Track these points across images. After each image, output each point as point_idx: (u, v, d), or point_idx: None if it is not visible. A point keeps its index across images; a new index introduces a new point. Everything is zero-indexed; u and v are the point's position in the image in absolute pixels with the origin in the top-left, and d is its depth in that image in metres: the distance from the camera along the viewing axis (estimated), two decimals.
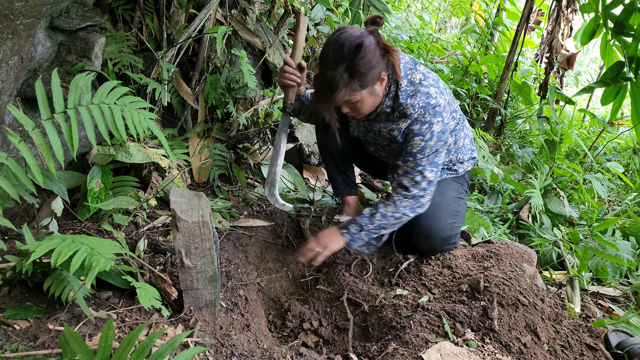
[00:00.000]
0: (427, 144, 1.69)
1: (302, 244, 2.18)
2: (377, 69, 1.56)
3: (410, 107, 1.67)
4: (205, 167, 2.40)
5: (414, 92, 1.67)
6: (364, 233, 1.79)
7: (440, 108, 1.68)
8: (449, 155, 1.98)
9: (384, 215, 1.76)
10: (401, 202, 1.75)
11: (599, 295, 2.20)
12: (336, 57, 1.51)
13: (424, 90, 1.67)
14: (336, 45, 1.51)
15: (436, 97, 1.67)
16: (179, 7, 2.38)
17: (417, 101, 1.66)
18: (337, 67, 1.52)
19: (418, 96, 1.66)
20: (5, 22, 1.45)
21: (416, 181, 1.72)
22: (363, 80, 1.55)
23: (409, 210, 1.75)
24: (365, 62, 1.51)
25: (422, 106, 1.66)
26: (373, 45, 1.53)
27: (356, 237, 1.79)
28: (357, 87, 1.56)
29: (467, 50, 5.48)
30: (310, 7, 3.36)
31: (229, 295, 1.64)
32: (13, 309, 1.29)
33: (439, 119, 1.68)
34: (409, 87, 1.68)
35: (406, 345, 1.43)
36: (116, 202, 1.68)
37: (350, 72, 1.52)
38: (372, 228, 1.77)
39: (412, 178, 1.73)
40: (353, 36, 1.50)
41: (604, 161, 4.50)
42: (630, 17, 2.44)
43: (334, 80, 1.53)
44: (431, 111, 1.66)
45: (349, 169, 2.18)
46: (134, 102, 1.40)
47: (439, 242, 1.90)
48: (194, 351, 1.00)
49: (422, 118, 1.66)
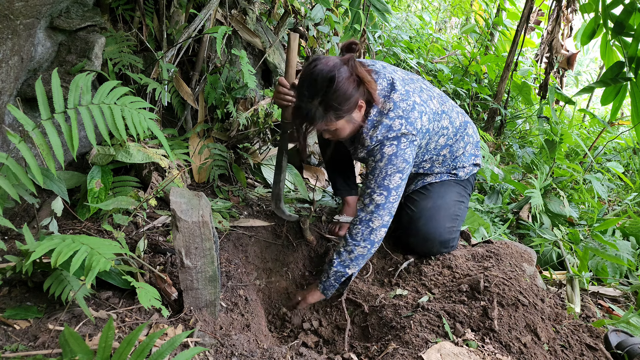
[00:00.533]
0: (377, 164, 1.67)
1: (302, 243, 2.18)
2: (352, 99, 1.56)
3: (368, 139, 1.67)
4: (205, 167, 2.40)
5: (377, 122, 1.66)
6: (332, 279, 1.75)
7: (397, 139, 1.65)
8: (444, 165, 1.97)
9: (338, 253, 1.73)
10: (351, 231, 1.71)
11: (599, 295, 2.20)
12: (310, 91, 1.53)
13: (387, 123, 1.65)
14: (310, 79, 1.53)
15: (399, 128, 1.64)
16: (179, 7, 2.38)
17: (376, 133, 1.66)
18: (312, 101, 1.53)
19: (379, 128, 1.66)
20: (5, 22, 1.45)
21: (365, 204, 1.70)
22: (338, 112, 1.56)
23: (360, 239, 1.69)
24: (338, 95, 1.52)
25: (379, 140, 1.66)
26: (345, 77, 1.53)
27: (327, 285, 1.77)
28: (332, 118, 1.57)
29: (467, 50, 5.48)
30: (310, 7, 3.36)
31: (229, 295, 1.64)
32: (13, 309, 1.29)
33: (393, 142, 1.65)
34: (376, 117, 1.67)
35: (406, 345, 1.43)
36: (116, 202, 1.68)
37: (324, 106, 1.54)
38: (335, 270, 1.73)
39: (362, 201, 1.72)
40: (325, 70, 1.50)
41: (604, 161, 4.50)
42: (630, 17, 2.44)
43: (309, 113, 1.55)
44: (388, 144, 1.65)
45: (349, 170, 2.19)
46: (134, 102, 1.39)
47: (437, 246, 1.90)
48: (194, 351, 1.00)
49: (378, 151, 1.67)
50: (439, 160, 1.94)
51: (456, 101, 5.01)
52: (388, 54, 4.84)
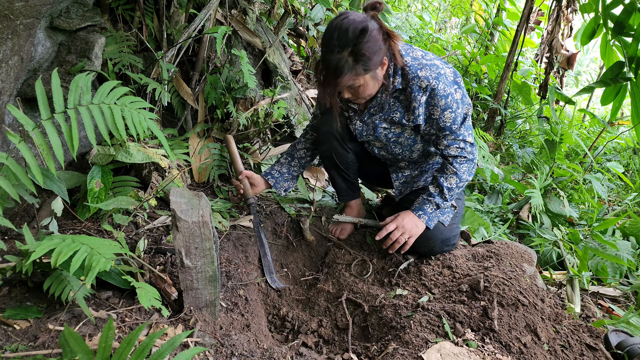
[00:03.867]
0: (456, 113, 1.73)
1: (302, 243, 2.18)
2: (380, 53, 1.58)
3: (425, 80, 1.68)
4: (205, 167, 2.40)
5: (421, 65, 1.69)
6: (439, 211, 1.86)
7: (452, 77, 1.71)
8: None
9: (450, 189, 1.83)
10: (459, 170, 1.81)
11: (599, 295, 2.20)
12: (340, 42, 1.52)
13: (430, 63, 1.69)
14: (340, 29, 1.52)
15: (443, 67, 1.70)
16: (179, 7, 2.38)
17: (428, 73, 1.67)
18: (342, 52, 1.53)
19: (427, 68, 1.68)
20: (5, 22, 1.45)
21: (462, 147, 1.80)
22: (367, 64, 1.56)
23: (467, 174, 1.83)
24: (369, 46, 1.53)
25: (435, 77, 1.67)
26: (376, 29, 1.55)
27: (432, 216, 1.86)
28: (361, 71, 1.57)
29: (467, 50, 5.48)
30: (310, 7, 3.36)
31: (229, 295, 1.64)
32: (13, 309, 1.29)
33: (455, 87, 1.71)
34: (415, 62, 1.70)
35: (406, 345, 1.43)
36: (116, 202, 1.68)
37: (354, 57, 1.53)
38: (447, 204, 1.86)
39: (457, 147, 1.80)
40: (357, 21, 1.52)
41: (604, 161, 4.50)
42: (630, 17, 2.44)
43: (338, 64, 1.54)
44: (446, 82, 1.68)
45: (352, 175, 2.16)
46: (134, 102, 1.39)
47: (438, 244, 1.90)
48: (194, 351, 1.00)
49: (443, 92, 1.68)
50: None
51: None
52: None
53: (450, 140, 1.79)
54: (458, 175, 1.81)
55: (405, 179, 2.07)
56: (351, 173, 2.14)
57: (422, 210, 1.85)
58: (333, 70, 1.56)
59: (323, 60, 1.59)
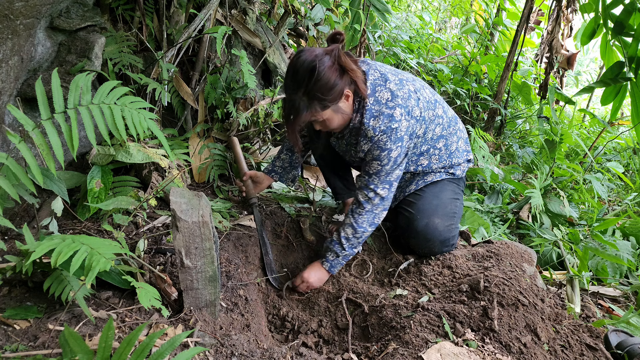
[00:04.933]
0: (383, 168, 1.74)
1: (302, 243, 2.18)
2: (336, 88, 1.58)
3: (371, 130, 1.68)
4: (205, 167, 2.40)
5: (378, 112, 1.67)
6: (340, 258, 1.89)
7: (403, 132, 1.69)
8: (441, 162, 1.97)
9: (347, 239, 1.85)
10: (356, 221, 1.82)
11: (599, 295, 2.20)
12: (294, 82, 1.56)
13: (388, 113, 1.66)
14: (293, 70, 1.56)
15: (400, 119, 1.67)
16: (179, 7, 2.38)
17: (379, 124, 1.67)
18: (296, 92, 1.57)
19: (381, 118, 1.66)
20: (5, 22, 1.45)
21: (369, 197, 1.80)
22: (323, 102, 1.58)
23: (367, 225, 1.83)
24: (321, 85, 1.54)
25: (382, 130, 1.67)
26: (327, 66, 1.55)
27: (335, 264, 1.90)
28: (317, 108, 1.60)
29: (467, 50, 5.48)
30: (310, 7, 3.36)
31: (229, 295, 1.64)
32: (13, 309, 1.29)
33: (398, 144, 1.70)
34: (375, 106, 1.68)
35: (406, 345, 1.43)
36: (116, 202, 1.68)
37: (308, 96, 1.56)
38: (345, 253, 1.87)
39: (365, 194, 1.80)
40: (307, 61, 1.53)
41: (604, 161, 4.50)
42: (630, 17, 2.44)
43: (294, 104, 1.58)
44: (392, 137, 1.67)
45: (347, 173, 2.19)
46: (134, 102, 1.39)
47: (437, 245, 1.90)
48: (194, 351, 1.00)
49: (383, 145, 1.69)
50: (435, 155, 1.95)
51: (456, 101, 5.01)
52: (388, 54, 4.84)
53: (363, 185, 1.80)
54: (353, 226, 1.82)
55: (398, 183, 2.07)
56: (346, 171, 2.15)
57: (325, 258, 1.90)
58: (290, 109, 1.60)
59: (284, 99, 1.64)
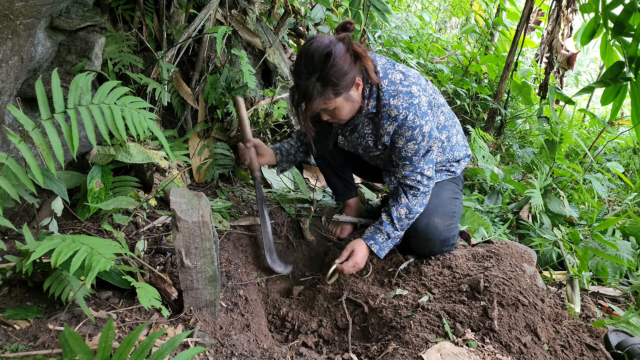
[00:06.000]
0: (420, 145, 1.73)
1: (302, 243, 2.18)
2: (349, 75, 1.58)
3: (395, 109, 1.67)
4: (205, 167, 2.40)
5: (395, 92, 1.67)
6: (390, 240, 1.86)
7: (425, 107, 1.69)
8: (445, 154, 1.98)
9: (399, 219, 1.83)
10: (411, 202, 1.82)
11: (599, 295, 2.20)
12: (307, 68, 1.54)
13: (406, 90, 1.67)
14: (307, 56, 1.54)
15: (419, 95, 1.68)
16: (179, 7, 2.38)
17: (400, 102, 1.66)
18: (310, 78, 1.55)
19: (401, 96, 1.67)
20: (5, 22, 1.45)
21: (418, 180, 1.80)
22: (336, 88, 1.57)
23: (419, 207, 1.84)
24: (336, 70, 1.53)
25: (406, 107, 1.66)
26: (342, 52, 1.54)
27: (383, 246, 1.87)
28: (330, 95, 1.58)
29: (467, 50, 5.48)
30: (310, 7, 3.37)
31: (229, 295, 1.64)
32: (13, 309, 1.29)
33: (426, 118, 1.70)
34: (390, 87, 1.68)
35: (406, 345, 1.43)
36: (116, 202, 1.68)
37: (322, 82, 1.55)
38: (397, 234, 1.86)
39: (414, 179, 1.79)
40: (322, 45, 1.53)
41: (604, 161, 4.50)
42: (630, 17, 2.44)
43: (307, 90, 1.56)
44: (418, 112, 1.67)
45: (347, 174, 2.18)
46: (134, 102, 1.39)
47: (437, 245, 1.90)
48: (194, 351, 1.00)
49: (412, 123, 1.68)
50: (439, 147, 1.95)
51: (456, 101, 5.01)
52: (388, 54, 4.84)
53: (408, 172, 1.79)
54: (409, 207, 1.81)
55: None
56: (346, 172, 2.15)
57: (373, 240, 1.86)
58: (303, 96, 1.58)
59: (294, 86, 1.61)
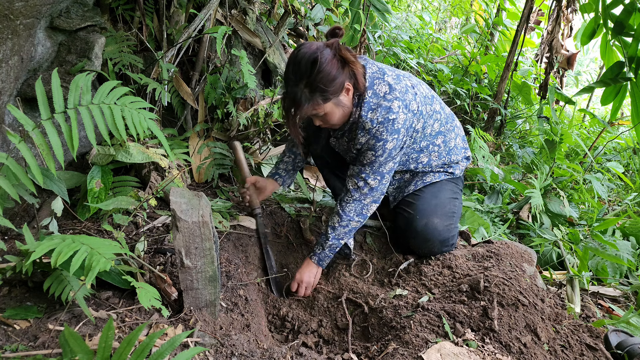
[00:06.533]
0: (377, 159, 1.74)
1: (302, 243, 2.18)
2: (337, 80, 1.58)
3: (369, 122, 1.68)
4: (204, 167, 2.40)
5: (376, 105, 1.68)
6: (327, 250, 1.87)
7: (400, 125, 1.68)
8: (441, 159, 1.97)
9: (333, 228, 1.85)
10: (345, 208, 1.83)
11: (599, 295, 2.20)
12: (295, 75, 1.56)
13: (386, 105, 1.67)
14: (294, 63, 1.56)
15: (397, 112, 1.67)
16: (179, 7, 2.38)
17: (376, 116, 1.67)
18: (298, 84, 1.56)
19: (379, 111, 1.67)
20: (5, 22, 1.45)
21: (359, 186, 1.80)
22: (324, 93, 1.58)
23: (354, 214, 1.83)
24: (322, 76, 1.54)
25: (380, 122, 1.67)
26: (329, 58, 1.55)
27: (322, 257, 1.89)
28: (319, 101, 1.59)
29: (467, 50, 5.48)
30: (310, 7, 3.37)
31: (229, 295, 1.64)
32: (13, 309, 1.29)
33: (394, 136, 1.69)
34: (373, 99, 1.69)
35: (406, 345, 1.43)
36: (116, 202, 1.68)
37: (310, 88, 1.56)
38: (330, 243, 1.86)
39: (355, 182, 1.80)
40: (309, 52, 1.54)
41: (604, 161, 4.50)
42: (630, 17, 2.44)
43: (296, 96, 1.57)
44: (389, 128, 1.67)
45: (346, 174, 2.18)
46: (134, 102, 1.39)
47: (437, 245, 1.90)
48: (194, 351, 1.00)
49: (379, 135, 1.68)
50: (435, 152, 1.95)
51: (456, 101, 5.01)
52: (388, 54, 4.84)
53: (354, 173, 1.80)
54: (340, 214, 1.82)
55: (398, 182, 2.07)
56: (344, 172, 2.15)
57: (313, 252, 1.90)
58: (292, 102, 1.59)
59: (284, 93, 1.63)
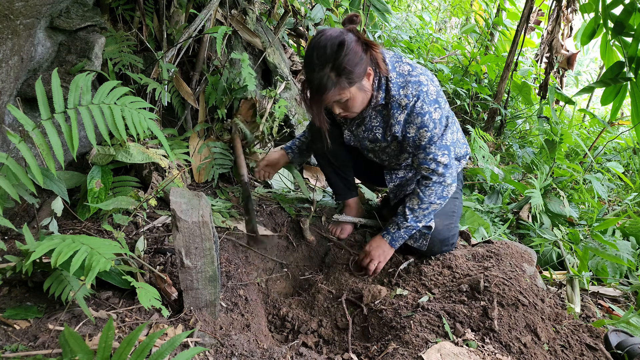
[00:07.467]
0: (432, 132, 1.72)
1: (302, 243, 2.18)
2: (361, 64, 1.58)
3: (405, 98, 1.68)
4: (204, 167, 2.40)
5: (404, 83, 1.68)
6: (402, 231, 1.86)
7: (434, 95, 1.70)
8: None
9: (412, 209, 1.83)
10: (423, 192, 1.81)
11: (599, 295, 2.20)
12: (320, 59, 1.53)
13: (415, 80, 1.68)
14: (318, 47, 1.53)
15: (427, 84, 1.69)
16: (179, 7, 2.38)
17: (409, 91, 1.67)
18: (323, 68, 1.54)
19: (410, 86, 1.68)
20: (5, 22, 1.45)
21: (432, 169, 1.78)
22: (350, 77, 1.56)
23: (435, 197, 1.81)
24: (349, 59, 1.53)
25: (415, 94, 1.67)
26: (354, 41, 1.55)
27: (396, 237, 1.87)
28: (345, 84, 1.57)
29: (467, 50, 5.48)
30: (310, 7, 3.37)
31: (229, 295, 1.64)
32: (13, 309, 1.29)
33: (435, 106, 1.70)
34: (399, 78, 1.69)
35: (406, 345, 1.43)
36: (116, 202, 1.68)
37: (336, 71, 1.54)
38: (407, 225, 1.85)
39: (427, 167, 1.78)
40: (333, 36, 1.53)
41: (604, 161, 4.50)
42: (630, 17, 2.44)
43: (322, 81, 1.54)
44: (426, 100, 1.68)
45: (348, 173, 2.18)
46: (134, 102, 1.39)
47: (437, 245, 1.90)
48: (194, 351, 1.00)
49: (420, 109, 1.68)
50: None
51: (456, 101, 5.01)
52: None
53: (422, 159, 1.78)
54: (420, 197, 1.81)
55: (400, 180, 2.07)
56: (347, 171, 2.15)
57: (386, 231, 1.89)
58: (317, 88, 1.56)
59: (307, 80, 1.60)
